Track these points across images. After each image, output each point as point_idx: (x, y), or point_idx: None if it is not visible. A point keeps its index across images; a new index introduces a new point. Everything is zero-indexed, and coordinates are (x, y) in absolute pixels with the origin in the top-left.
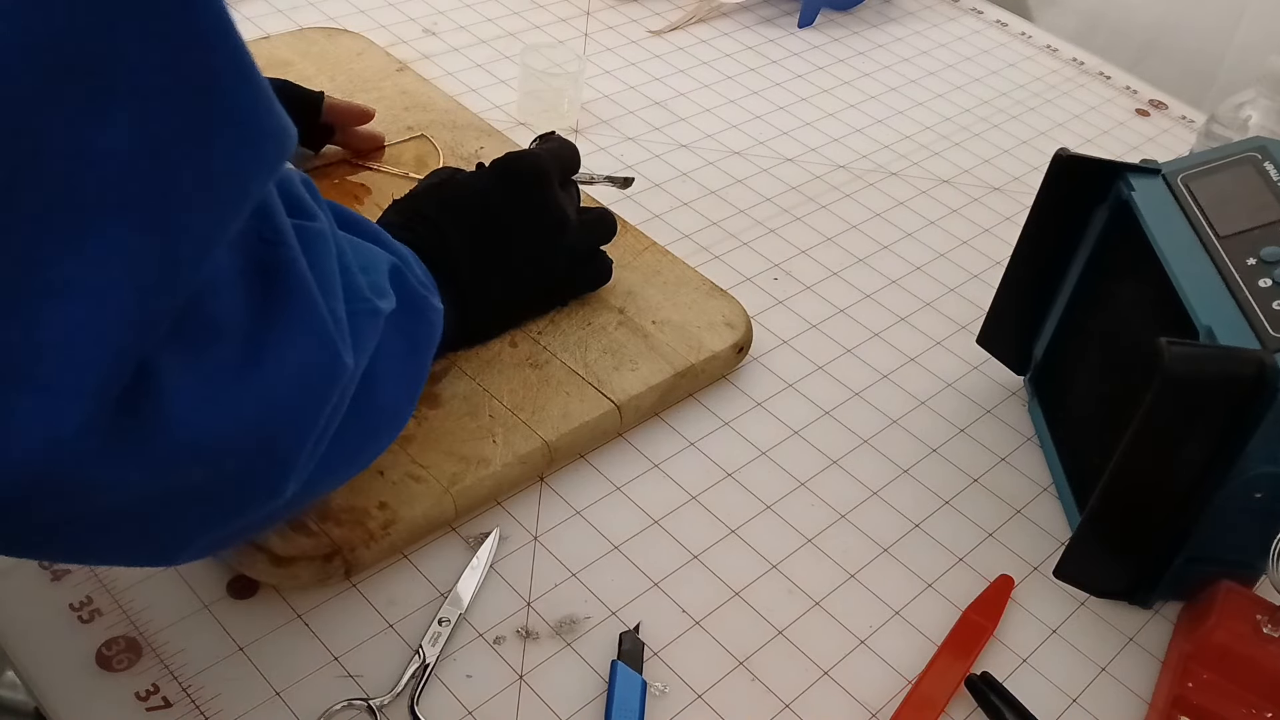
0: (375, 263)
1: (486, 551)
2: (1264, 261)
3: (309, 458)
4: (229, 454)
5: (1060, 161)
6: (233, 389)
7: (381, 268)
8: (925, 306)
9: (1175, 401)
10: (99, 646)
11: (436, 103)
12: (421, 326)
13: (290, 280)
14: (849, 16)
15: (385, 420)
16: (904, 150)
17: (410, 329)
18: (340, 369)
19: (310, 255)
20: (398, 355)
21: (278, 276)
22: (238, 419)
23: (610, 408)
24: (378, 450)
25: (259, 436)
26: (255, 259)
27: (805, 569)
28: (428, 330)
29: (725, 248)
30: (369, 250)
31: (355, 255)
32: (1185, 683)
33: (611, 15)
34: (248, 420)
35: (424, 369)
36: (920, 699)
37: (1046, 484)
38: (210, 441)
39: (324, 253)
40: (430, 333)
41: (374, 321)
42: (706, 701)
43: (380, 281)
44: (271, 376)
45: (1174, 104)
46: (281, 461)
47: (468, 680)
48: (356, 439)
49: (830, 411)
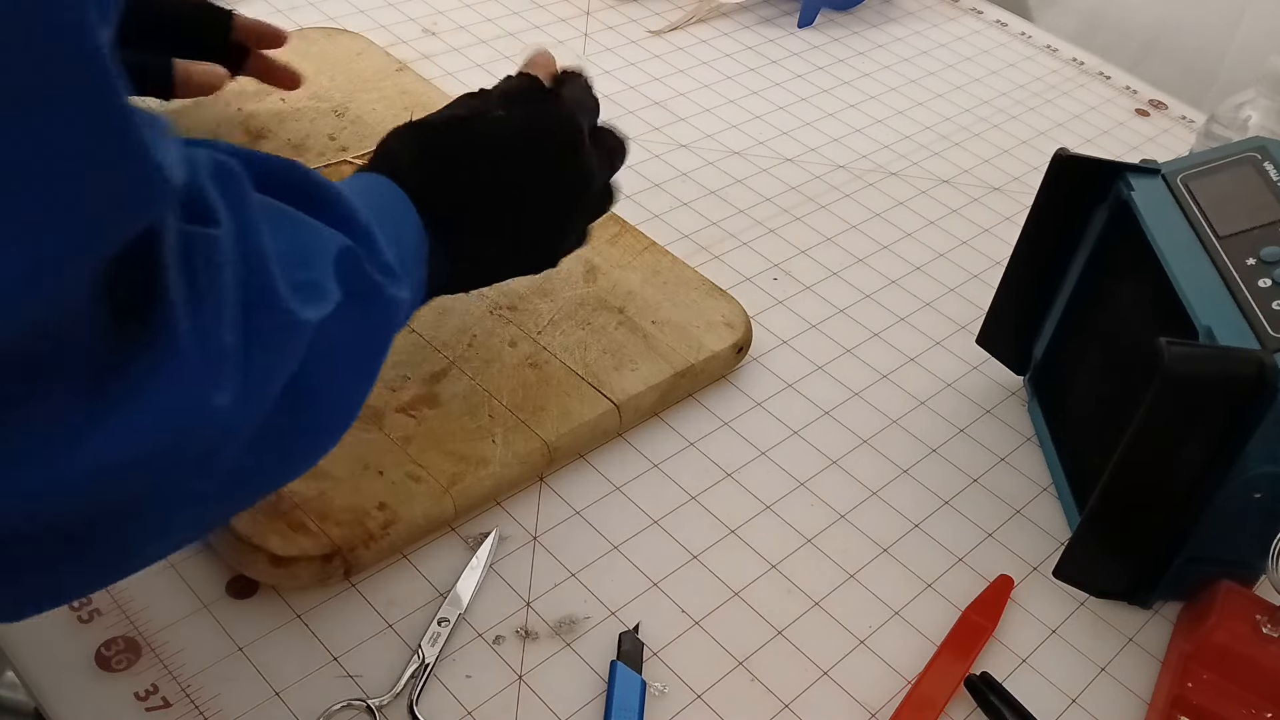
0: (316, 253)
1: (486, 552)
2: (1264, 261)
3: (183, 504)
4: (68, 503)
5: (1060, 161)
6: (75, 437)
7: (324, 258)
8: (925, 306)
9: (1175, 401)
10: (98, 646)
11: (436, 103)
12: (375, 317)
13: (152, 316)
14: (849, 16)
15: (330, 417)
16: (904, 150)
17: (360, 320)
18: (206, 414)
19: (191, 271)
20: (344, 347)
21: (135, 313)
22: (78, 469)
23: (610, 408)
24: (326, 446)
25: (106, 488)
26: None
27: (805, 569)
28: (383, 321)
29: (725, 248)
30: (312, 236)
31: (293, 244)
32: (1185, 683)
33: (611, 15)
34: (90, 470)
35: (377, 358)
36: (920, 699)
37: (1046, 484)
38: (45, 490)
39: (212, 264)
40: (386, 323)
41: (292, 334)
42: (706, 702)
43: (317, 277)
44: (122, 425)
45: (1174, 104)
46: (137, 515)
47: (467, 680)
48: (299, 440)
49: (830, 411)
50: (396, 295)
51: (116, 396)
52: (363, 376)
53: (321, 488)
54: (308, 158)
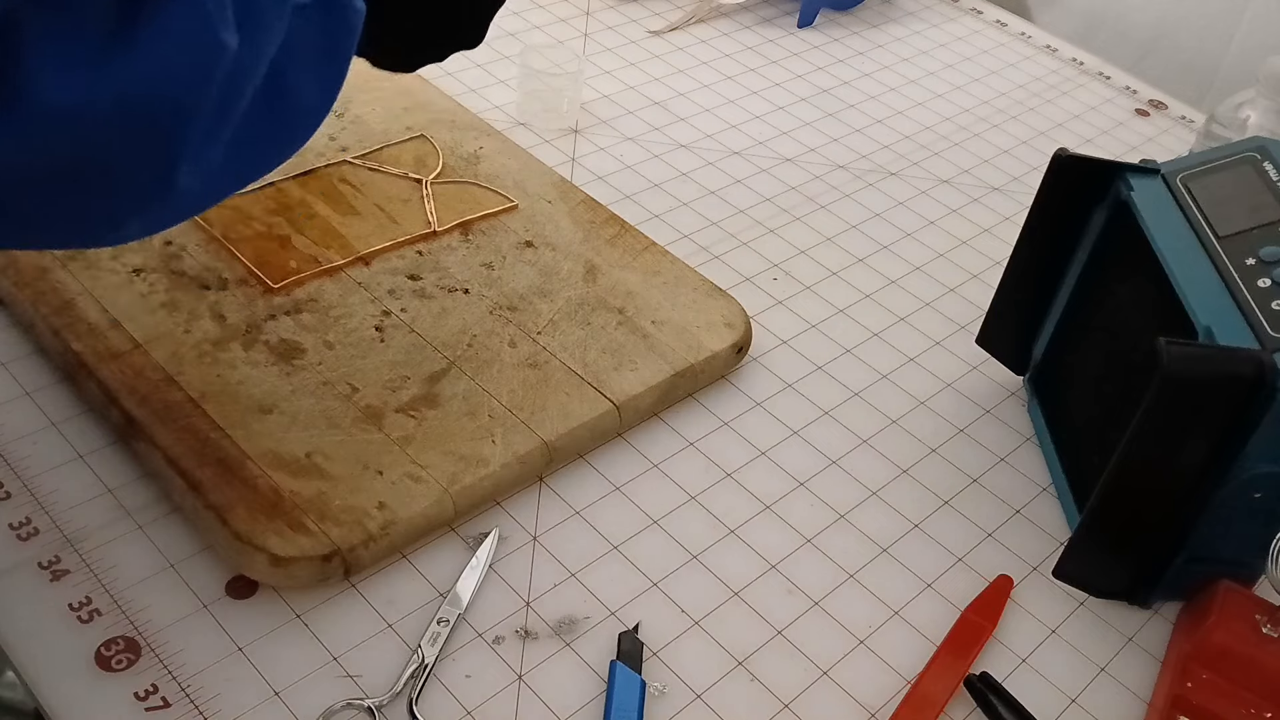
0: None
1: (486, 551)
2: (1263, 261)
3: (203, 143)
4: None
5: (1060, 161)
6: (100, 56)
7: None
8: (925, 306)
9: (1174, 401)
10: (98, 646)
11: (436, 103)
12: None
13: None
14: (849, 16)
15: (297, 118)
16: (903, 150)
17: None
18: (219, 49)
19: None
20: (310, 51)
21: None
22: (105, 89)
23: (609, 408)
24: (288, 150)
25: (131, 113)
26: None
27: (805, 569)
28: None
29: (725, 248)
30: None
31: None
32: (1184, 683)
33: (611, 15)
34: (117, 92)
35: (340, 69)
36: (919, 699)
37: (1046, 484)
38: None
39: None
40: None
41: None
42: (705, 702)
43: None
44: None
45: (1174, 104)
46: (165, 143)
47: (467, 680)
48: (266, 134)
49: (830, 411)
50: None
51: (140, 23)
52: (327, 83)
53: (321, 488)
54: (308, 158)
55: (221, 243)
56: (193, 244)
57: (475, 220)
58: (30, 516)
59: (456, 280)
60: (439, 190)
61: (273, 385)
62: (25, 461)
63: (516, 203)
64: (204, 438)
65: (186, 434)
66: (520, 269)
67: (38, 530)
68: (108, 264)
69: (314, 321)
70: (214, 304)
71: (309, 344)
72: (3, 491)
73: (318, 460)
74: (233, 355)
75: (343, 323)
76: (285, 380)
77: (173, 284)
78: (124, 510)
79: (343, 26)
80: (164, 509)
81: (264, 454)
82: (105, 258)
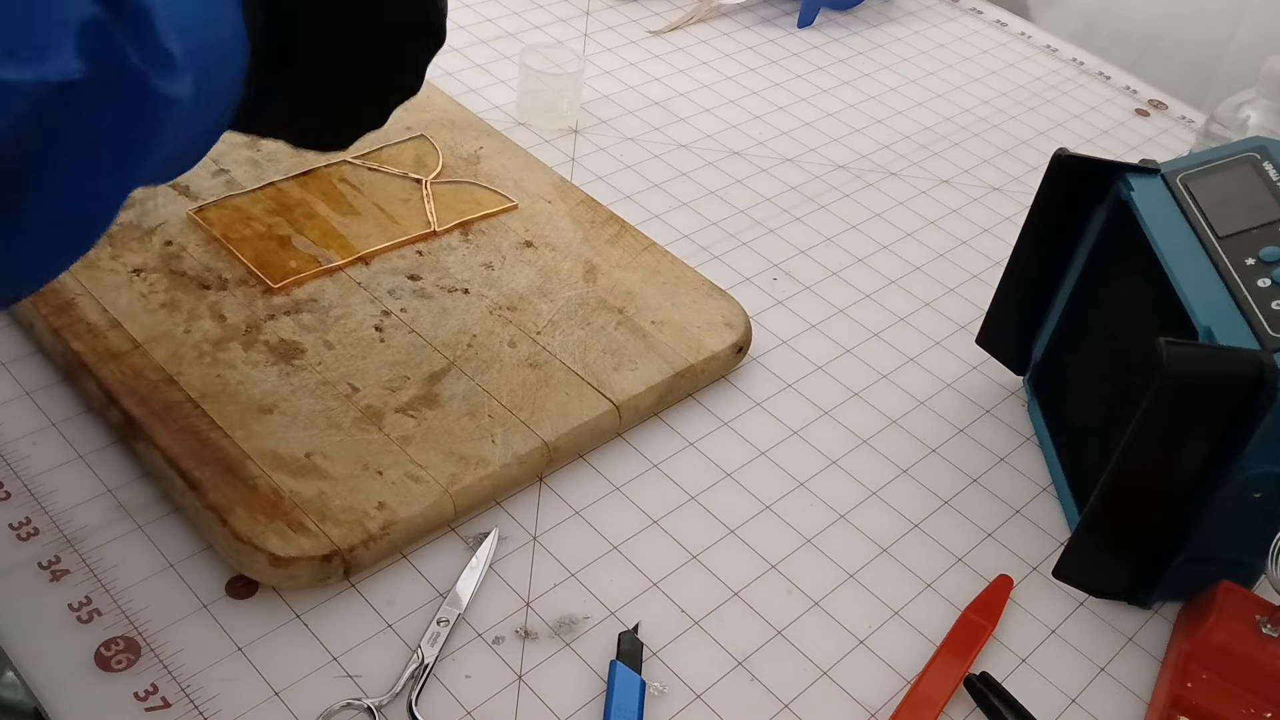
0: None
1: (485, 552)
2: (1263, 261)
3: None
4: None
5: (1059, 161)
6: None
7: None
8: (925, 306)
9: (1174, 401)
10: (98, 647)
11: (436, 103)
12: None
13: None
14: (849, 16)
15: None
16: (903, 150)
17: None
18: None
19: None
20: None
21: None
22: None
23: (609, 408)
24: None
25: None
26: None
27: (804, 569)
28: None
29: (725, 248)
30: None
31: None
32: (1184, 683)
33: (611, 15)
34: None
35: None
36: (919, 699)
37: (1046, 484)
38: None
39: None
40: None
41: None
42: (705, 702)
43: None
44: None
45: (1174, 104)
46: None
47: (467, 680)
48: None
49: (830, 411)
50: (165, 90)
51: None
52: (112, 167)
53: (321, 488)
54: (308, 158)
55: (221, 243)
56: (193, 244)
57: (475, 220)
58: (30, 516)
59: (456, 280)
60: (439, 190)
61: (273, 385)
62: (25, 461)
63: (516, 203)
64: (204, 438)
65: (186, 434)
66: (520, 269)
67: (38, 530)
68: (108, 264)
69: (314, 321)
70: (214, 304)
71: (309, 344)
72: (3, 491)
73: (318, 460)
74: (232, 355)
75: (343, 323)
76: (285, 380)
77: (173, 284)
78: (124, 510)
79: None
80: (164, 509)
81: (264, 454)
82: (105, 258)
